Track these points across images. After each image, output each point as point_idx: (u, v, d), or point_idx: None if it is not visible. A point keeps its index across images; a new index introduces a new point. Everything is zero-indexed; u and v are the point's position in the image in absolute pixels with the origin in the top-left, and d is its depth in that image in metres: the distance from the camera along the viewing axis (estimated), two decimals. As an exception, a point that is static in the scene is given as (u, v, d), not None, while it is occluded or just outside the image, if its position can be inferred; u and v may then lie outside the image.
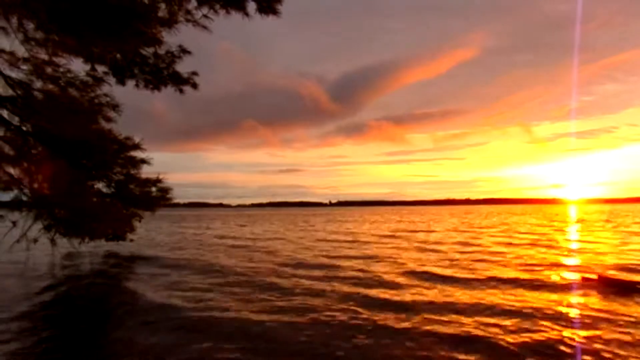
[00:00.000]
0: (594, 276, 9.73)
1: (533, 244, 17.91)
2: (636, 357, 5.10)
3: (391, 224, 37.74)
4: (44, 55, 8.05)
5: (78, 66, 9.28)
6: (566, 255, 14.28)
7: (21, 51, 8.04)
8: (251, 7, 7.55)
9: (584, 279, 9.70)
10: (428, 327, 6.33)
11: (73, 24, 5.70)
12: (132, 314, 7.36)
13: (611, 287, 8.90)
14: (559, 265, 12.18)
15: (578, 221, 38.07)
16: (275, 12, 7.47)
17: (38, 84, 8.63)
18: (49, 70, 8.65)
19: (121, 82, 9.66)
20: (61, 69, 8.83)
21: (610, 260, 12.96)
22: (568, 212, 71.79)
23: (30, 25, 7.26)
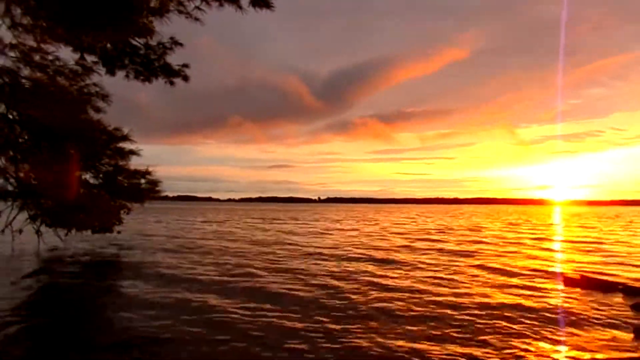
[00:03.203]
0: (577, 276, 9.90)
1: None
2: (616, 356, 5.21)
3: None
4: (31, 42, 7.92)
5: (67, 54, 9.17)
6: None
7: (8, 37, 7.91)
8: (244, 0, 7.51)
9: (567, 279, 9.85)
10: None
11: (62, 11, 5.62)
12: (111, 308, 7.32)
13: (593, 287, 9.06)
14: (543, 264, 12.37)
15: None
16: (268, 5, 7.42)
17: (25, 71, 8.51)
18: (36, 57, 8.53)
19: (111, 72, 9.55)
20: (49, 57, 8.72)
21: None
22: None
23: (17, 11, 7.13)
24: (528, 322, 6.57)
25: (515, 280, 9.84)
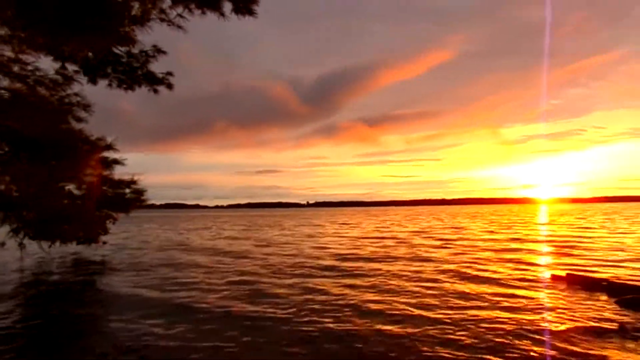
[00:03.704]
0: (563, 274, 10.06)
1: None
2: (599, 354, 5.30)
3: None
4: (9, 53, 7.78)
5: (47, 64, 9.02)
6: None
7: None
8: (227, 7, 7.49)
9: (553, 277, 10.01)
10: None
11: (41, 21, 5.54)
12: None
13: (579, 284, 9.22)
14: (529, 263, 12.53)
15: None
16: (251, 12, 7.42)
17: (4, 82, 8.34)
18: (15, 68, 8.37)
19: (93, 81, 9.44)
20: (29, 67, 8.56)
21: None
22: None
23: (-5, 22, 7.00)
24: (515, 319, 6.64)
25: (502, 278, 9.95)
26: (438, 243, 19.31)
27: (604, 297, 8.08)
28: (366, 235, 25.44)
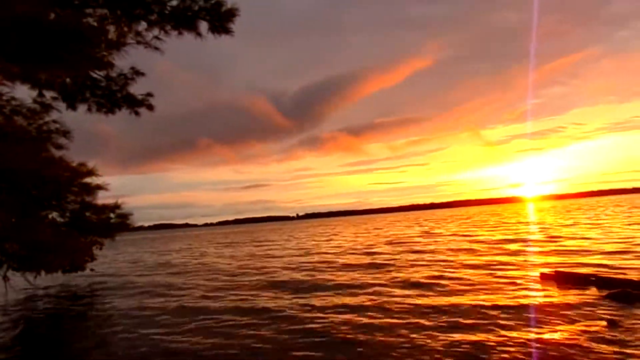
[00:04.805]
0: (552, 272, 10.15)
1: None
2: (588, 347, 5.34)
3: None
4: (-16, 84, 7.69)
5: (24, 93, 8.91)
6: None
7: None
8: (203, 27, 7.52)
9: (543, 275, 10.09)
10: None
11: (14, 51, 5.48)
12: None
13: (568, 281, 9.31)
14: (518, 262, 12.63)
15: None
16: (227, 31, 7.46)
17: (-20, 114, 8.22)
18: (-9, 99, 8.26)
19: (72, 106, 9.34)
20: (5, 97, 8.44)
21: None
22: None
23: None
24: (506, 318, 6.67)
25: (493, 278, 10.02)
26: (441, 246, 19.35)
27: (594, 292, 8.17)
28: (344, 246, 24.08)
